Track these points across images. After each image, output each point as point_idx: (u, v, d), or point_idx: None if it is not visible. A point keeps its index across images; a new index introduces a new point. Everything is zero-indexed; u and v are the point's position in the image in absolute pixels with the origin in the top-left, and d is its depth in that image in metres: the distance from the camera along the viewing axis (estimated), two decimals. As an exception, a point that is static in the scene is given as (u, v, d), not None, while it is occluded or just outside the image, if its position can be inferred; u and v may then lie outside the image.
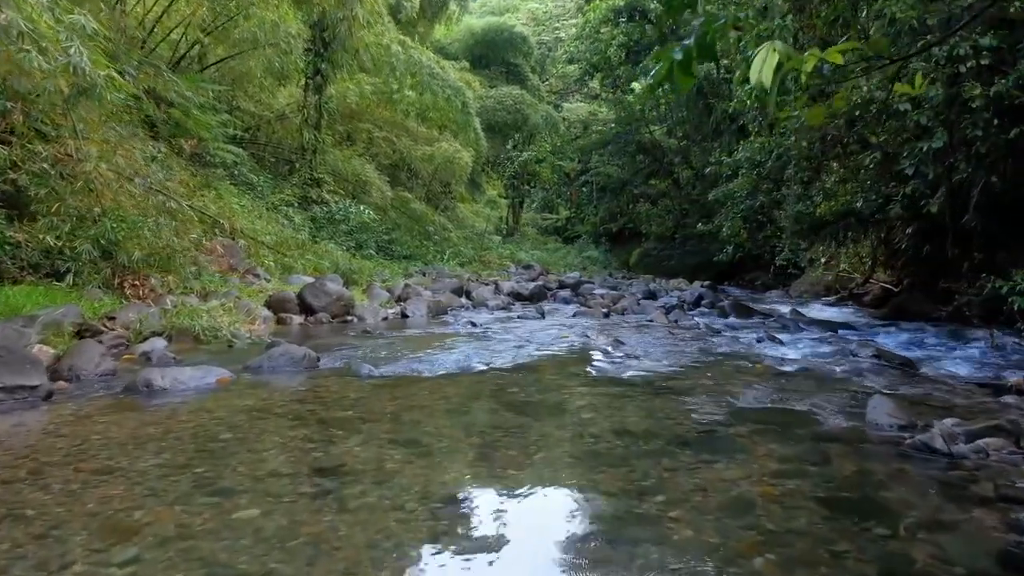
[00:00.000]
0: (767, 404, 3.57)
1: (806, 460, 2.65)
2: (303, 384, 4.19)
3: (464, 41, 27.57)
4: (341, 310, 7.46)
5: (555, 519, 2.18)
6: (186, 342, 5.96)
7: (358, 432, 3.11)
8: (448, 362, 4.86)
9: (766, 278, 19.51)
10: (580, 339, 6.09)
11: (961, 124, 6.33)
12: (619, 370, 4.58)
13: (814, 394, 3.74)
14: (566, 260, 24.86)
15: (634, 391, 3.91)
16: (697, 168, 23.68)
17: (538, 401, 3.71)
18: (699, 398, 3.72)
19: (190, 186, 10.25)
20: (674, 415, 3.35)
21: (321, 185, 15.75)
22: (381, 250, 15.31)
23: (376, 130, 19.65)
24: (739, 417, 3.30)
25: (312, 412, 3.48)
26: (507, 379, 4.33)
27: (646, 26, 20.64)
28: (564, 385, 4.11)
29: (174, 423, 3.28)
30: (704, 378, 4.29)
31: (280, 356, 4.62)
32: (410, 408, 3.54)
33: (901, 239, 10.11)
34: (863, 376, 4.22)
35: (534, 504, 2.30)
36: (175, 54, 12.57)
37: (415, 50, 16.46)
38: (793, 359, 5.00)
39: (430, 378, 4.35)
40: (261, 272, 9.07)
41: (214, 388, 4.03)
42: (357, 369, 4.50)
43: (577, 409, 3.50)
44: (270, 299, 7.48)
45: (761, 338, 5.93)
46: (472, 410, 3.53)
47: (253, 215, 11.07)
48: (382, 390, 3.97)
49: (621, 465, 2.63)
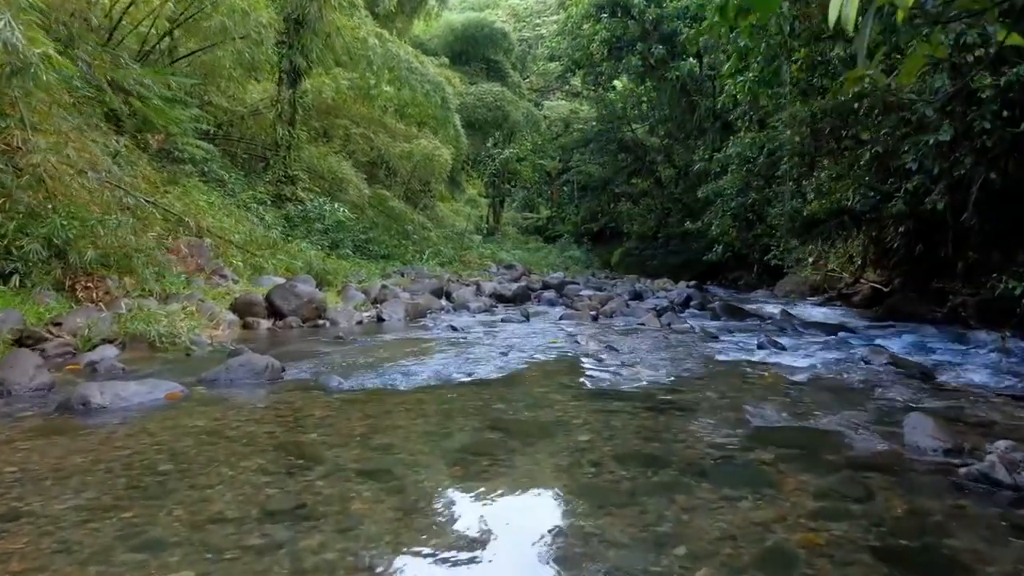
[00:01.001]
0: (786, 422, 3.18)
1: (846, 495, 2.27)
2: (263, 400, 3.74)
3: (443, 37, 27.08)
4: (312, 313, 6.99)
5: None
6: (140, 350, 5.48)
7: (321, 461, 2.67)
8: (426, 372, 4.43)
9: (749, 277, 19.29)
10: (569, 345, 5.69)
11: (967, 116, 6.02)
12: (615, 381, 4.18)
13: (835, 409, 3.37)
14: (548, 260, 24.50)
15: (634, 407, 3.50)
16: (680, 167, 23.46)
17: (527, 420, 3.29)
18: (708, 415, 3.33)
19: (154, 182, 9.73)
20: (683, 437, 2.95)
21: (296, 183, 15.20)
22: (358, 250, 14.80)
23: (353, 127, 19.12)
24: (758, 438, 2.92)
25: (270, 435, 3.04)
26: (491, 392, 3.91)
27: (629, 22, 20.30)
28: (555, 400, 3.70)
29: (107, 450, 2.82)
30: (709, 390, 3.91)
31: (239, 367, 4.16)
32: (383, 429, 3.11)
33: (893, 238, 9.85)
34: (883, 387, 3.86)
35: (529, 561, 1.89)
36: (144, 46, 12.02)
37: (393, 43, 15.98)
38: (801, 367, 4.63)
39: (406, 392, 3.91)
40: (228, 273, 8.56)
41: (162, 405, 3.57)
42: (325, 382, 4.06)
43: (572, 429, 3.09)
44: (236, 302, 7.00)
45: (762, 343, 5.56)
46: (453, 432, 3.10)
47: (222, 213, 10.53)
48: (352, 407, 3.53)
49: (629, 503, 2.22)
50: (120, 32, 11.28)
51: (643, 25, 20.14)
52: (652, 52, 19.81)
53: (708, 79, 19.33)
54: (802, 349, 5.55)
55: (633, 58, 20.37)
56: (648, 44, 20.03)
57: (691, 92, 19.90)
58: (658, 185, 25.41)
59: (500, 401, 3.67)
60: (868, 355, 4.67)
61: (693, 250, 21.95)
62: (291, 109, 15.06)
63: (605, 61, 21.29)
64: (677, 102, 20.66)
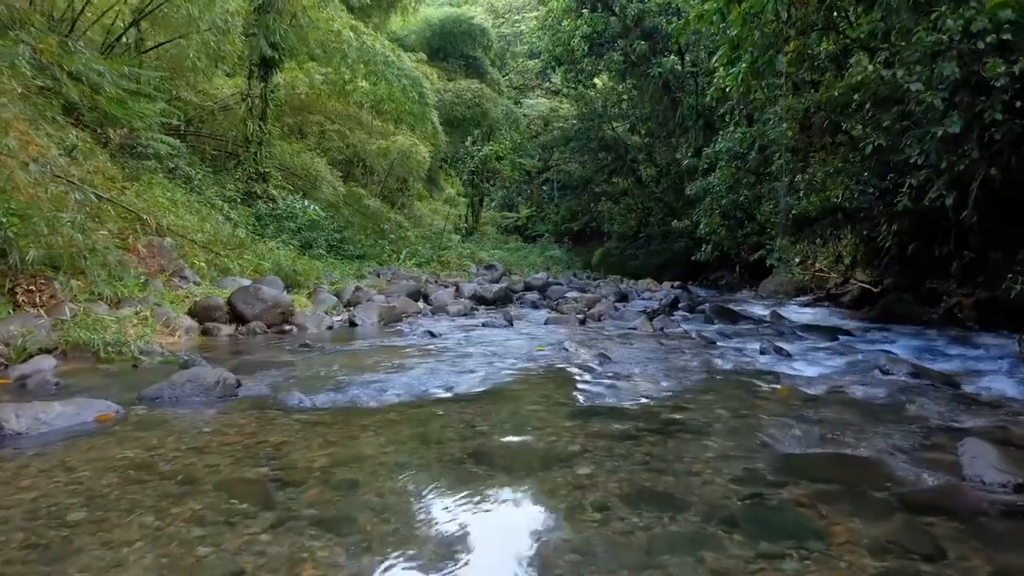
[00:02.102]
0: (815, 447, 2.76)
1: (911, 550, 1.85)
2: (210, 422, 3.25)
3: (421, 33, 26.49)
4: (278, 318, 6.48)
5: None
6: (83, 361, 4.95)
7: (270, 506, 2.21)
8: (400, 386, 3.96)
9: (731, 278, 19.06)
10: (557, 352, 5.24)
11: (976, 107, 5.67)
12: (612, 396, 3.74)
13: (868, 431, 2.96)
14: (529, 260, 24.08)
15: (637, 428, 3.07)
16: (661, 165, 23.18)
17: (516, 448, 2.85)
18: (723, 438, 2.90)
19: (113, 178, 9.16)
20: (698, 468, 2.52)
21: (267, 180, 14.63)
22: (332, 249, 14.27)
23: (328, 123, 18.58)
24: (787, 469, 2.49)
25: (212, 470, 2.56)
26: (473, 411, 3.45)
27: (610, 18, 19.92)
28: (547, 420, 3.25)
29: (8, 492, 2.33)
30: (719, 405, 3.48)
31: (186, 383, 3.66)
32: (347, 461, 2.64)
33: (885, 237, 9.54)
34: (911, 402, 3.46)
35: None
36: (108, 38, 11.44)
37: (368, 36, 15.44)
38: (813, 378, 4.22)
39: (376, 410, 3.44)
40: (190, 274, 8.00)
41: (90, 430, 3.07)
42: (284, 399, 3.58)
43: (569, 459, 2.65)
44: (195, 306, 6.47)
45: (765, 349, 5.17)
46: (429, 465, 2.64)
47: (185, 211, 9.95)
48: (312, 431, 3.06)
49: (648, 566, 1.79)
50: (84, 23, 10.72)
51: (624, 21, 19.78)
52: (634, 48, 19.46)
53: (691, 76, 19.02)
54: (807, 355, 5.17)
55: (615, 54, 20.01)
56: (630, 40, 19.68)
57: (673, 89, 19.57)
58: (639, 184, 25.11)
59: (483, 422, 3.21)
60: (886, 364, 4.28)
61: (675, 250, 21.70)
62: (262, 103, 14.47)
63: (586, 57, 20.91)
64: (659, 99, 20.33)
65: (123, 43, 12.07)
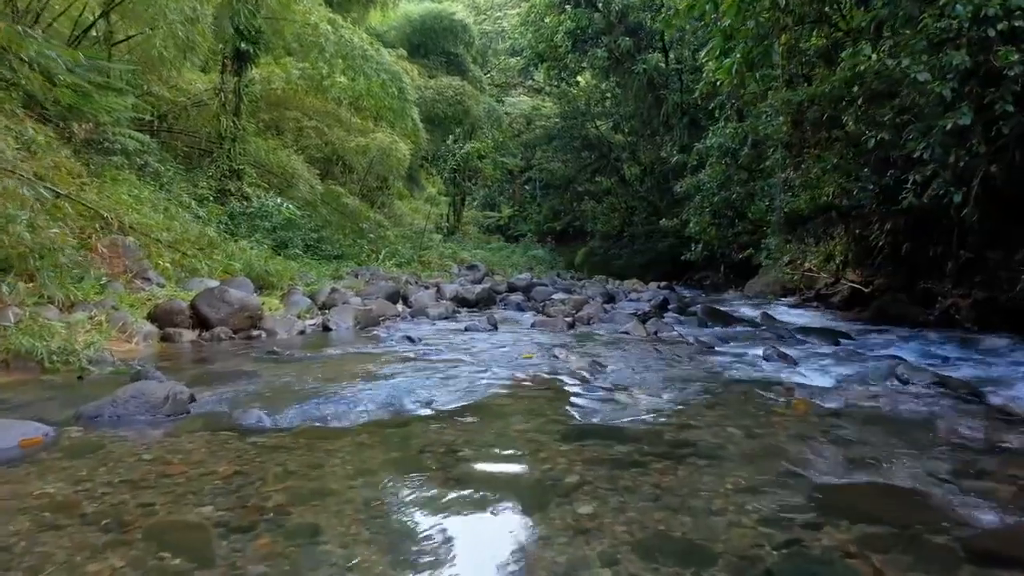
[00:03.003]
0: (852, 477, 2.40)
1: (998, 620, 1.50)
2: (154, 446, 2.83)
3: (401, 29, 25.99)
4: (245, 323, 6.05)
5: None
6: (27, 371, 4.50)
7: (208, 562, 1.81)
8: (373, 401, 3.56)
9: (716, 277, 18.84)
10: (547, 360, 4.86)
11: (985, 99, 5.39)
12: (610, 412, 3.36)
13: (903, 454, 2.62)
14: (511, 259, 23.71)
15: (642, 453, 2.69)
16: (645, 164, 22.94)
17: (504, 480, 2.46)
18: (742, 465, 2.53)
19: (76, 174, 8.67)
20: (722, 506, 2.15)
21: (241, 177, 14.11)
22: (309, 249, 13.79)
23: (305, 120, 18.09)
24: (825, 506, 2.13)
25: (146, 511, 2.15)
26: (455, 432, 3.06)
27: (594, 14, 19.61)
28: (539, 443, 2.87)
29: None
30: (730, 423, 3.11)
31: (131, 399, 3.24)
32: (307, 498, 2.25)
33: (878, 235, 9.30)
34: (940, 418, 3.13)
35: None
36: (75, 30, 10.93)
37: (346, 30, 14.99)
38: (827, 388, 3.87)
39: (345, 431, 3.04)
40: (153, 275, 7.53)
41: (11, 457, 2.65)
42: (241, 417, 3.17)
43: (567, 494, 2.27)
44: (155, 310, 6.01)
45: (769, 356, 4.83)
46: (404, 506, 2.24)
47: (153, 209, 9.45)
48: (270, 457, 2.66)
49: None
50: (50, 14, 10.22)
51: (608, 17, 19.48)
52: (618, 44, 19.17)
53: (675, 73, 18.77)
54: (813, 362, 4.83)
55: (599, 51, 19.70)
56: (614, 36, 19.39)
57: (658, 86, 19.32)
58: (623, 183, 24.86)
59: (467, 445, 2.83)
60: (903, 372, 3.95)
61: (659, 250, 21.48)
62: (236, 98, 13.95)
63: (569, 54, 20.60)
64: (643, 97, 20.07)
65: (92, 36, 11.60)
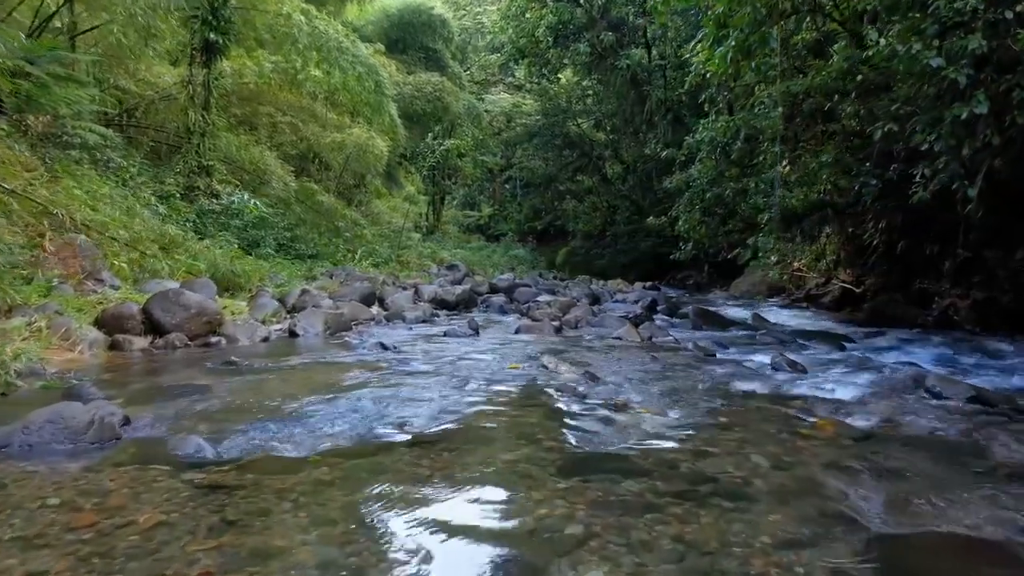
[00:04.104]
0: (911, 524, 1.97)
1: None
2: (66, 487, 2.33)
3: (379, 23, 25.44)
4: (203, 328, 5.52)
5: None
6: (-53, 387, 3.96)
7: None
8: (337, 423, 3.08)
9: (699, 277, 18.54)
10: (535, 371, 4.40)
11: (1001, 86, 5.04)
12: (611, 436, 2.91)
13: (962, 491, 2.19)
14: (492, 259, 23.26)
15: (655, 491, 2.24)
16: (628, 162, 22.61)
17: (492, 533, 2.00)
18: (778, 508, 2.09)
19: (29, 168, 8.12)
20: (763, 568, 1.70)
21: (211, 174, 13.49)
22: (282, 249, 13.23)
23: (279, 115, 17.49)
24: (889, 566, 1.70)
25: (31, 581, 1.67)
26: (432, 462, 2.59)
27: (576, 8, 19.21)
28: (531, 479, 2.40)
29: None
30: (753, 450, 2.67)
31: (45, 425, 2.73)
32: (245, 564, 1.77)
33: (872, 234, 8.99)
34: (994, 439, 2.69)
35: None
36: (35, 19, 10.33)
37: (321, 21, 14.46)
38: (852, 404, 3.43)
39: (300, 464, 2.55)
40: (108, 276, 6.97)
41: None
42: (179, 445, 2.68)
43: (571, 551, 1.81)
44: (103, 315, 5.47)
45: (778, 365, 4.42)
46: (368, 567, 1.78)
47: (110, 205, 8.86)
48: (207, 500, 2.17)
49: None
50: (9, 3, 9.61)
51: (591, 12, 19.09)
52: (600, 40, 18.79)
53: (659, 69, 18.42)
54: (824, 371, 4.43)
55: (581, 46, 19.30)
56: (596, 31, 19.01)
57: (641, 83, 18.96)
58: (605, 182, 24.52)
59: (446, 483, 2.36)
60: (934, 384, 3.55)
61: (642, 249, 21.15)
62: (205, 91, 13.34)
63: (551, 49, 20.16)
64: (626, 93, 19.71)
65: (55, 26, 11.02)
